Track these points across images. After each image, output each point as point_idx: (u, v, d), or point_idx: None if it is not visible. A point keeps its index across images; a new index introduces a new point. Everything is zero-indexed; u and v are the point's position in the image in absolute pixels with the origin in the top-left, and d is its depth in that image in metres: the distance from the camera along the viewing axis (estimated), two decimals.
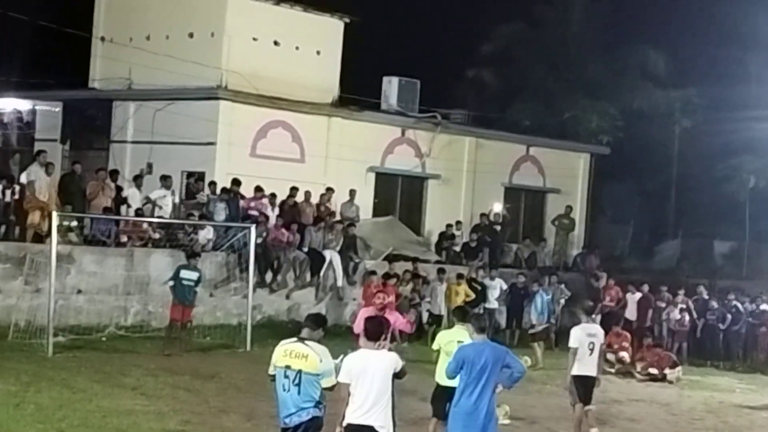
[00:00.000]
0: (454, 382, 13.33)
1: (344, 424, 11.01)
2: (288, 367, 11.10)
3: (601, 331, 16.57)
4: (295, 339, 11.32)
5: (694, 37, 43.44)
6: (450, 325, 16.89)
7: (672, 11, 44.48)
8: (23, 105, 34.33)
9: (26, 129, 34.47)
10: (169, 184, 27.42)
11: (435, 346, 14.37)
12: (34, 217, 23.91)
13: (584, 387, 16.04)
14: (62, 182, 26.48)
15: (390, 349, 11.48)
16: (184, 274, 22.50)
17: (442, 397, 13.84)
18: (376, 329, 11.46)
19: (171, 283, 22.59)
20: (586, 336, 15.99)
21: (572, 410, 16.26)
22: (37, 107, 34.00)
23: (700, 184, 45.84)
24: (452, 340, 13.67)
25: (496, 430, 12.03)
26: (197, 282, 22.78)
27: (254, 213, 27.52)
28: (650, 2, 44.89)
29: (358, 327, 15.44)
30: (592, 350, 15.96)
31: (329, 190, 30.61)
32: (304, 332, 11.40)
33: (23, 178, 24.83)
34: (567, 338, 16.48)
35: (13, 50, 36.89)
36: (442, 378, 13.67)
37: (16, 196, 24.41)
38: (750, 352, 28.88)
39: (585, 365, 15.95)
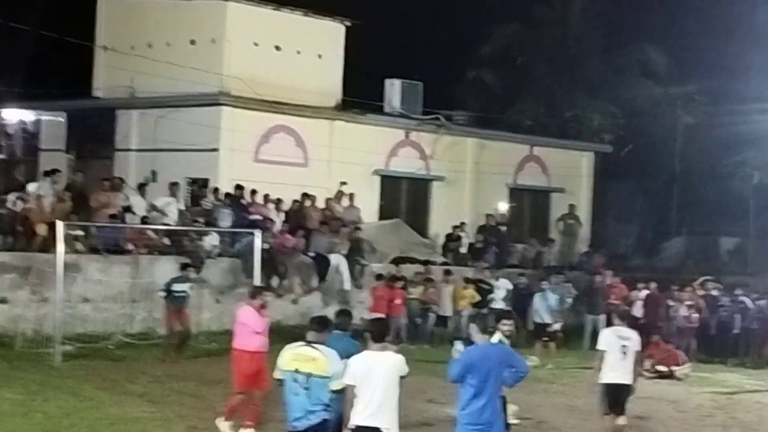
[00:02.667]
0: None
1: (351, 426, 11.03)
2: (297, 370, 11.12)
3: (635, 336, 15.66)
4: (302, 343, 11.35)
5: (694, 33, 43.42)
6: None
7: (671, 8, 44.47)
8: (27, 116, 34.44)
9: (31, 139, 34.59)
10: (176, 191, 27.45)
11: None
12: (41, 230, 23.88)
13: (616, 396, 15.43)
14: (66, 191, 26.52)
15: (396, 351, 11.48)
16: (176, 287, 22.62)
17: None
18: (381, 330, 11.51)
19: (163, 294, 22.69)
20: (617, 338, 15.40)
21: (601, 420, 15.68)
22: (41, 117, 34.11)
23: (703, 181, 45.79)
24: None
25: (503, 429, 12.01)
26: (189, 289, 22.88)
27: (259, 218, 27.52)
28: (649, 0, 44.90)
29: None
30: (625, 354, 15.31)
31: (343, 183, 30.62)
32: (311, 335, 11.43)
33: (30, 189, 24.88)
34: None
35: (16, 61, 36.95)
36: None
37: (27, 205, 24.42)
38: (759, 348, 28.82)
39: (617, 372, 15.31)
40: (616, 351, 15.33)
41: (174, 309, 22.61)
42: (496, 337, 13.24)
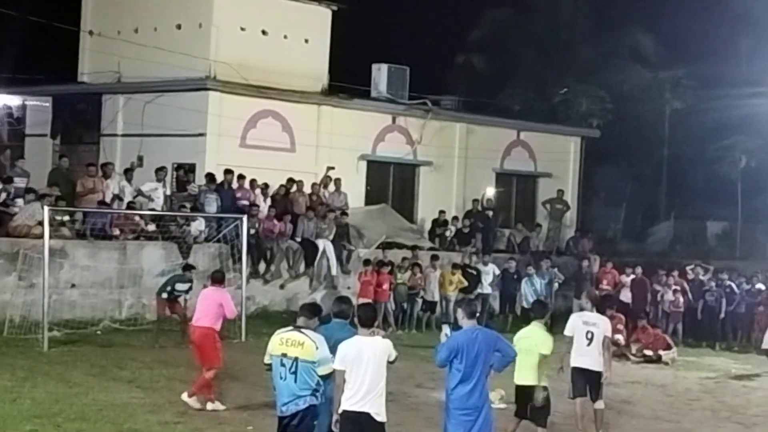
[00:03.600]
0: (519, 380, 13.73)
1: (340, 411, 11.05)
2: (284, 355, 11.14)
3: (603, 321, 15.45)
4: (291, 328, 11.37)
5: (683, 17, 43.49)
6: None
7: None
8: (13, 101, 34.30)
9: (16, 124, 34.43)
10: (163, 176, 27.39)
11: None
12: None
13: (585, 380, 15.31)
14: (51, 177, 26.46)
15: (384, 336, 11.48)
16: (179, 286, 22.57)
17: (516, 396, 14.00)
18: (369, 316, 11.56)
19: (165, 295, 22.47)
20: (582, 324, 15.33)
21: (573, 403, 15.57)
22: (26, 102, 33.97)
23: (691, 165, 45.90)
24: (521, 336, 13.71)
25: (490, 413, 12.03)
26: (188, 290, 22.88)
27: (245, 203, 27.47)
28: None
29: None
30: (591, 340, 15.19)
31: (330, 168, 30.62)
32: (300, 321, 11.45)
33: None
34: (561, 322, 16.32)
35: (2, 46, 36.81)
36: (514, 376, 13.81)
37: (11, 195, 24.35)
38: (746, 332, 28.90)
39: (583, 356, 15.24)
40: (582, 336, 15.27)
41: (168, 301, 22.59)
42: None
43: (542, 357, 13.65)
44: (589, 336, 15.24)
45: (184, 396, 16.25)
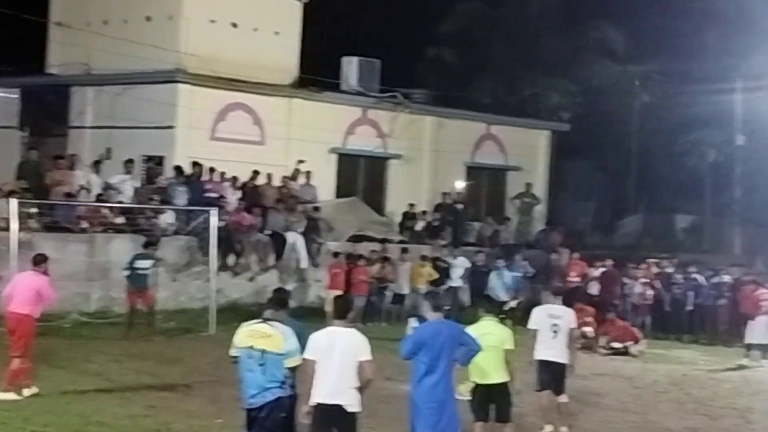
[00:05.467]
0: (492, 379, 13.47)
1: (313, 403, 11.02)
2: (251, 347, 11.14)
3: (568, 314, 15.48)
4: (259, 320, 11.35)
5: (652, 11, 43.63)
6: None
7: None
8: None
9: None
10: (131, 169, 27.29)
11: None
12: None
13: (550, 374, 15.23)
14: (20, 169, 26.30)
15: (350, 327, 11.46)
16: (139, 263, 22.65)
17: (481, 397, 13.65)
18: (344, 307, 11.57)
19: (127, 273, 22.64)
20: (547, 317, 15.24)
21: (538, 396, 15.53)
22: None
23: (660, 159, 46.08)
24: (483, 333, 13.32)
25: (456, 406, 12.05)
26: (151, 267, 22.89)
27: (214, 196, 27.40)
28: None
29: None
30: (556, 332, 15.13)
31: (300, 161, 30.55)
32: (268, 313, 11.45)
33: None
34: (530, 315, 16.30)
35: None
36: (474, 376, 13.56)
37: None
38: (712, 325, 29.06)
39: (548, 349, 15.13)
40: (547, 329, 15.18)
41: (136, 289, 22.62)
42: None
43: (507, 352, 13.62)
44: (555, 329, 15.20)
45: (2, 395, 15.73)
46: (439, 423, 11.73)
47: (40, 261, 16.68)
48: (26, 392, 15.96)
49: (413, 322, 12.66)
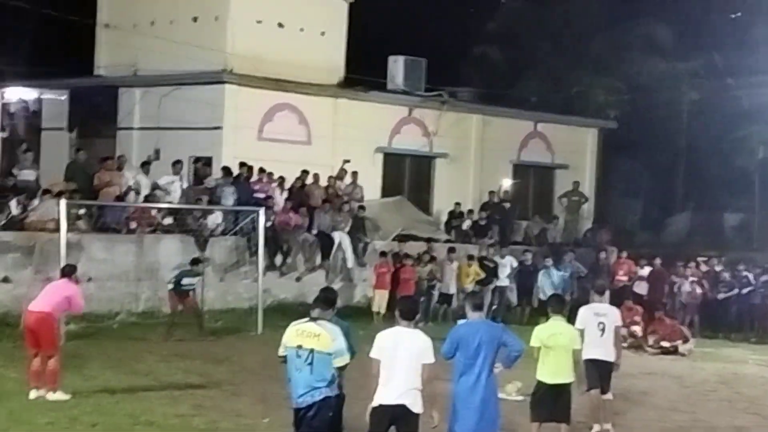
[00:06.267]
0: (560, 379, 13.43)
1: (376, 403, 11.02)
2: (300, 346, 11.13)
3: (614, 312, 15.47)
4: (306, 319, 11.35)
5: (700, 7, 43.25)
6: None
7: None
8: (29, 94, 34.25)
9: (33, 118, 34.49)
10: (179, 170, 27.44)
11: (535, 343, 13.58)
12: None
13: (599, 372, 15.11)
14: (68, 170, 26.52)
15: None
16: (186, 281, 22.75)
17: (545, 396, 13.60)
18: (411, 308, 11.54)
19: (171, 287, 22.76)
20: (593, 316, 15.11)
21: (587, 396, 15.34)
22: (43, 96, 33.97)
23: (708, 156, 45.65)
24: (554, 333, 13.41)
25: (498, 407, 12.01)
26: (197, 283, 23.11)
27: (261, 196, 27.49)
28: None
29: None
30: (603, 331, 15.02)
31: (346, 161, 30.57)
32: (315, 312, 11.43)
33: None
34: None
35: (18, 40, 36.83)
36: (543, 375, 13.54)
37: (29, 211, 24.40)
38: (761, 323, 28.81)
39: (596, 347, 14.98)
40: (594, 328, 15.05)
41: (179, 295, 22.73)
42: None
43: (576, 352, 13.60)
44: (601, 327, 15.08)
45: (50, 396, 15.73)
46: (476, 423, 11.69)
47: (69, 272, 16.70)
48: (33, 394, 15.79)
49: (460, 323, 12.64)
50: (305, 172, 29.45)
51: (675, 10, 43.86)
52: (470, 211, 32.87)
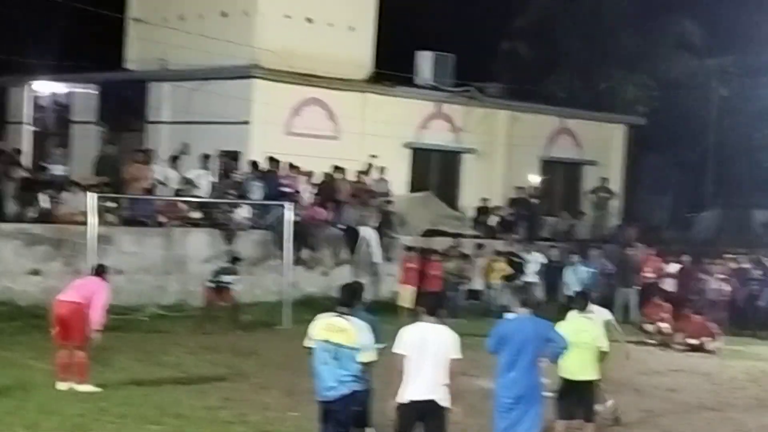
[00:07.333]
0: (582, 376, 13.37)
1: (407, 400, 11.00)
2: (327, 341, 11.16)
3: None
4: (334, 313, 11.37)
5: (730, 4, 43.01)
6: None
7: None
8: (59, 88, 34.54)
9: (63, 111, 34.70)
10: (208, 164, 27.52)
11: None
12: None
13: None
14: (98, 164, 26.65)
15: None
16: (225, 278, 22.90)
17: (569, 393, 13.52)
18: (435, 304, 11.57)
19: (211, 285, 22.83)
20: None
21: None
22: (73, 90, 34.19)
23: (738, 153, 45.46)
24: (578, 330, 13.35)
25: (541, 404, 12.00)
26: (235, 281, 23.21)
27: (289, 190, 27.53)
28: None
29: None
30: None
31: (373, 156, 30.57)
32: (342, 307, 11.45)
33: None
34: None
35: (48, 34, 37.00)
36: (566, 372, 13.45)
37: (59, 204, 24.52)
38: None
39: None
40: None
41: (218, 291, 22.90)
42: None
43: (600, 350, 13.57)
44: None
45: (80, 387, 15.78)
46: (522, 420, 11.69)
47: (101, 272, 16.70)
48: (61, 386, 15.82)
49: (508, 317, 12.64)
50: (336, 168, 29.43)
51: (706, 7, 43.63)
52: (498, 207, 32.84)
